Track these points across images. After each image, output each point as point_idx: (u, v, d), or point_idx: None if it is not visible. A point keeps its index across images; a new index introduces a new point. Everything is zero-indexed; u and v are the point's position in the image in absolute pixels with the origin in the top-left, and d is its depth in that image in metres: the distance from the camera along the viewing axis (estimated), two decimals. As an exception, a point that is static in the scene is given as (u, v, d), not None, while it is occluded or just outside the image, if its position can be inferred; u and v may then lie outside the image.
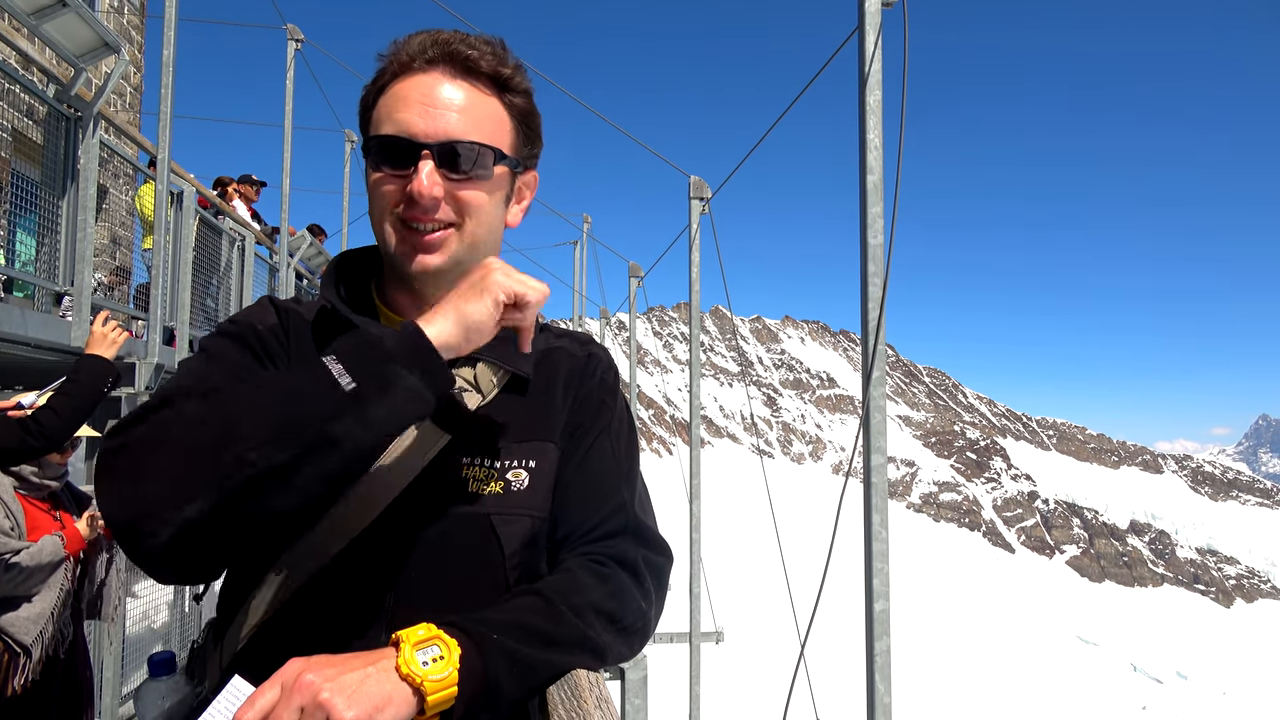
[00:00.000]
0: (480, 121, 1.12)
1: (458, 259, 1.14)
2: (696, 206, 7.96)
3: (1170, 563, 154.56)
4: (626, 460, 1.29)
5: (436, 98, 1.10)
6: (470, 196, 1.12)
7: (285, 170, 10.37)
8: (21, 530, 3.27)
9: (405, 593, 1.09)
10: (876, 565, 3.33)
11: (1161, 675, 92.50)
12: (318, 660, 0.87)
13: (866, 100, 3.46)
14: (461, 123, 1.10)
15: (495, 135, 1.14)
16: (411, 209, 1.11)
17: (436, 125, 1.09)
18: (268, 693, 0.84)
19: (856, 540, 3.44)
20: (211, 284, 8.47)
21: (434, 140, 1.09)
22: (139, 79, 10.73)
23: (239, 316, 1.21)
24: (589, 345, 1.35)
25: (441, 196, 1.10)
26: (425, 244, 1.12)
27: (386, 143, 1.11)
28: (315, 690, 0.83)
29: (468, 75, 1.13)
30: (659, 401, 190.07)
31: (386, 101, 1.13)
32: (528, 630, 1.01)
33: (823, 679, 7.72)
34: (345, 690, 0.84)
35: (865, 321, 3.44)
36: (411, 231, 1.12)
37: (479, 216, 1.14)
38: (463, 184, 1.11)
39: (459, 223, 1.13)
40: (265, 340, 1.17)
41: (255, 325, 1.18)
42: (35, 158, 5.62)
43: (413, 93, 1.11)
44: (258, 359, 1.15)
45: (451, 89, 1.11)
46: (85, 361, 3.47)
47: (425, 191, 1.08)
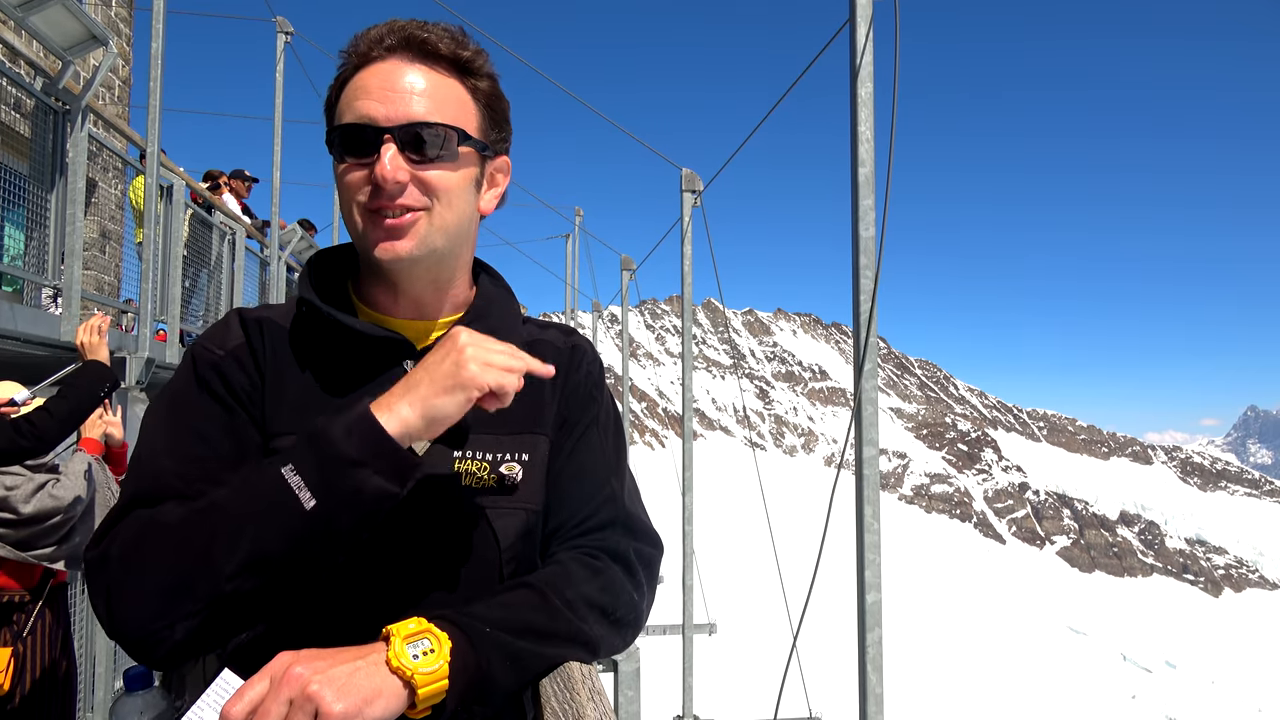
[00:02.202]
0: (443, 104, 1.10)
1: (430, 245, 1.12)
2: (689, 199, 7.95)
3: (1159, 553, 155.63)
4: (615, 453, 1.29)
5: (396, 83, 1.09)
6: (436, 179, 1.10)
7: (276, 164, 10.30)
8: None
9: (398, 588, 1.09)
10: (868, 557, 3.34)
11: (1151, 664, 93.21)
12: (307, 654, 0.87)
13: (858, 93, 3.47)
14: (423, 105, 1.09)
15: (459, 118, 1.12)
16: (377, 196, 1.08)
17: (397, 109, 1.07)
18: (256, 685, 0.84)
19: (848, 532, 3.45)
20: (201, 278, 8.43)
21: (395, 124, 1.07)
22: (127, 72, 10.65)
23: (202, 345, 1.17)
24: (573, 336, 1.34)
25: (406, 180, 1.08)
26: (393, 228, 1.09)
27: (349, 131, 1.09)
28: (304, 682, 0.83)
29: (427, 60, 1.11)
30: (651, 394, 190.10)
31: (347, 93, 1.11)
32: (520, 623, 1.01)
33: (815, 670, 7.76)
34: (335, 683, 0.84)
35: (857, 314, 3.45)
36: (380, 218, 1.10)
37: (447, 199, 1.12)
38: (428, 166, 1.09)
39: (428, 206, 1.11)
40: (228, 373, 1.12)
41: (216, 355, 1.13)
42: (22, 151, 5.57)
43: (372, 80, 1.09)
44: (222, 403, 1.11)
45: (412, 74, 1.10)
46: (87, 366, 3.43)
47: (389, 176, 1.06)
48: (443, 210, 1.12)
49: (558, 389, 1.26)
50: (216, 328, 1.19)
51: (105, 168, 8.94)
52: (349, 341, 1.14)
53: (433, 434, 0.99)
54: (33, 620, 3.41)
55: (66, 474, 3.48)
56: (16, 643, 3.33)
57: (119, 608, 0.95)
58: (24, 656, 3.35)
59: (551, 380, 1.25)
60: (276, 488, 0.94)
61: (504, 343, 1.04)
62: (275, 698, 0.82)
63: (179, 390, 1.13)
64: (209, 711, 0.86)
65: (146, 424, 1.14)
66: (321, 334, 1.15)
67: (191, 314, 8.07)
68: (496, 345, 1.02)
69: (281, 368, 1.14)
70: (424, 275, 1.16)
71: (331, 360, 1.15)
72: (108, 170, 9.07)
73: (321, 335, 1.15)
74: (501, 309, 1.26)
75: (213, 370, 1.12)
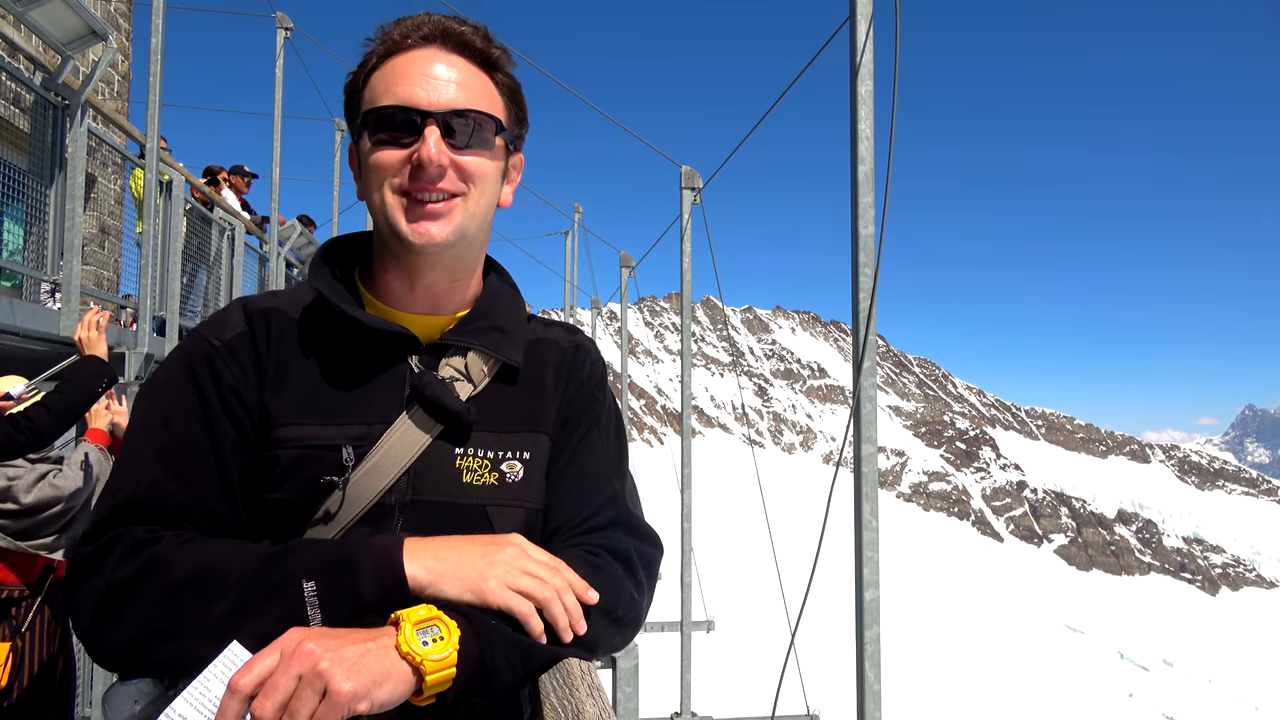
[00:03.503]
0: (478, 94, 1.14)
1: (462, 230, 1.14)
2: (688, 196, 7.95)
3: (1157, 551, 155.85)
4: (616, 453, 1.30)
5: (436, 70, 1.11)
6: (474, 165, 1.13)
7: (275, 160, 10.30)
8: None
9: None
10: (866, 554, 3.35)
11: (1148, 663, 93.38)
12: (319, 631, 0.88)
13: (858, 91, 3.47)
14: (463, 94, 1.12)
15: (492, 109, 1.15)
16: (417, 179, 1.10)
17: (440, 95, 1.10)
18: (266, 658, 0.84)
19: (847, 529, 3.46)
20: (200, 274, 8.42)
21: (438, 109, 1.10)
22: (127, 67, 10.63)
23: (199, 333, 1.16)
24: (576, 335, 1.35)
25: (448, 164, 1.10)
26: (430, 213, 1.11)
27: (388, 113, 1.10)
28: (315, 659, 0.83)
29: (461, 52, 1.14)
30: (650, 391, 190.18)
31: (382, 77, 1.12)
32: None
33: (813, 667, 7.78)
34: (345, 662, 0.84)
35: (856, 312, 3.45)
36: (415, 203, 1.11)
37: (481, 186, 1.14)
38: (466, 153, 1.12)
39: (464, 192, 1.13)
40: (219, 368, 1.11)
41: (211, 346, 1.13)
42: (22, 146, 5.57)
43: (411, 67, 1.11)
44: (205, 402, 1.09)
45: (449, 63, 1.13)
46: (85, 362, 3.42)
47: (434, 158, 1.08)
48: (477, 197, 1.15)
49: (560, 388, 1.26)
50: (218, 316, 1.19)
51: (105, 163, 8.93)
52: (355, 333, 1.15)
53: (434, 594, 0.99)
54: (31, 615, 3.41)
55: (69, 464, 3.49)
56: (15, 638, 3.33)
57: (100, 635, 0.97)
58: (22, 652, 3.35)
59: (554, 379, 1.26)
60: (291, 599, 0.94)
61: (546, 560, 1.04)
62: (285, 672, 0.82)
63: (168, 381, 1.13)
64: (215, 682, 0.85)
65: (137, 409, 1.15)
66: (329, 324, 1.16)
67: (190, 310, 8.07)
68: (533, 566, 1.02)
69: (285, 359, 1.14)
70: (445, 264, 1.18)
71: (337, 352, 1.15)
72: (107, 165, 9.07)
73: (329, 325, 1.16)
74: (508, 306, 1.27)
75: (205, 363, 1.12)
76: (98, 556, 1.00)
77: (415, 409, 1.13)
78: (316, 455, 1.09)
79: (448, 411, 1.13)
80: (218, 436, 1.09)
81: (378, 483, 1.09)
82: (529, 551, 1.03)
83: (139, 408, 1.14)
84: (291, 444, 1.10)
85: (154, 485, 1.06)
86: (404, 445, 1.11)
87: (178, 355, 1.15)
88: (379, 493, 1.10)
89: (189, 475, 1.07)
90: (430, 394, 1.12)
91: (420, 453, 1.12)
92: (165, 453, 1.08)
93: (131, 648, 0.96)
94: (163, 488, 1.06)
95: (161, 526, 1.04)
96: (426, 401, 1.12)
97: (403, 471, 1.11)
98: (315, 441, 1.10)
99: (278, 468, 1.09)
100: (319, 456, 1.09)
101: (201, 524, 1.07)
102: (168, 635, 0.95)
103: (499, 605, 0.97)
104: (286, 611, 0.93)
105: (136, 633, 0.96)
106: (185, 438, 1.09)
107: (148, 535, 1.01)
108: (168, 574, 0.97)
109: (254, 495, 1.10)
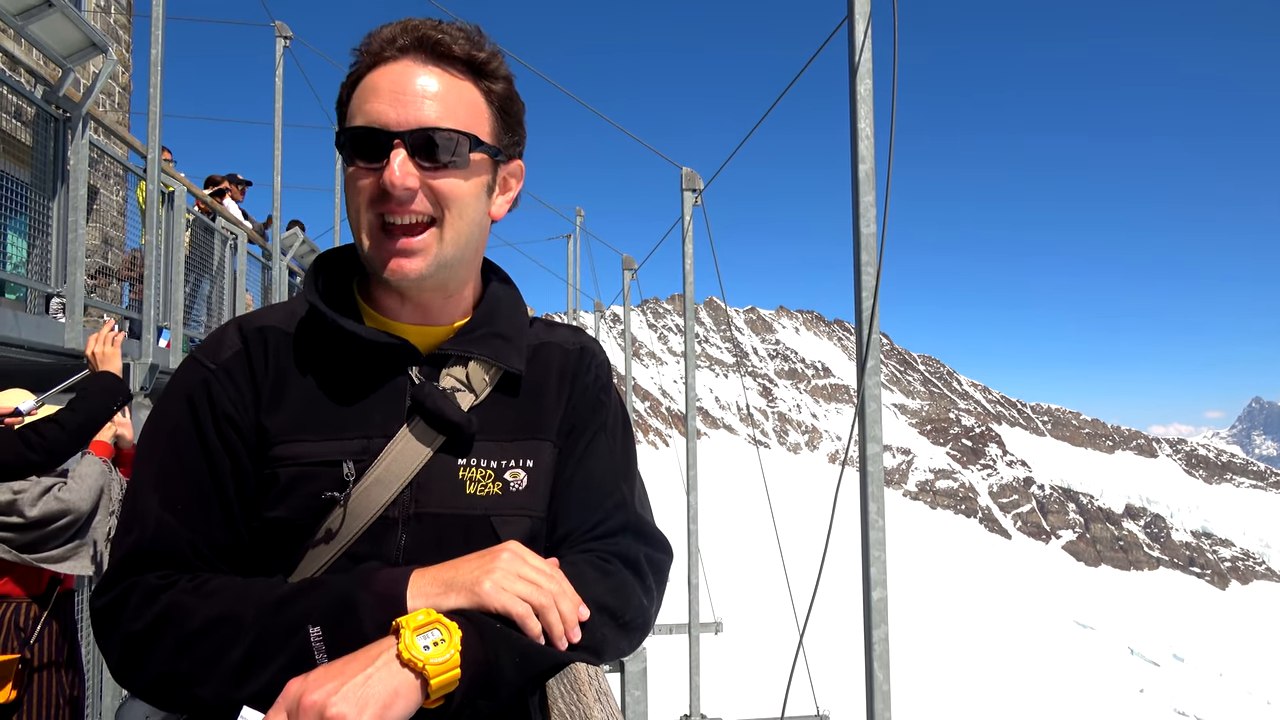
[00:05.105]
0: (454, 108, 1.08)
1: (441, 261, 1.10)
2: (689, 198, 7.95)
3: (1166, 546, 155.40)
4: (624, 457, 1.28)
5: (408, 86, 1.06)
6: (447, 187, 1.07)
7: (276, 168, 10.33)
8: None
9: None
10: (873, 553, 3.35)
11: (1158, 658, 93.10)
12: (316, 676, 0.88)
13: (857, 89, 3.47)
14: (435, 110, 1.06)
15: (471, 122, 1.09)
16: (385, 202, 1.06)
17: (408, 113, 1.05)
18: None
19: (854, 529, 3.45)
20: (203, 283, 8.44)
21: (405, 129, 1.05)
22: (127, 78, 10.67)
23: (194, 358, 1.15)
24: (581, 338, 1.32)
25: (416, 187, 1.05)
26: (404, 248, 1.07)
27: (358, 135, 1.07)
28: (321, 708, 0.84)
29: (440, 61, 1.08)
30: (654, 393, 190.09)
31: (359, 94, 1.09)
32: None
33: (822, 667, 7.76)
34: (351, 697, 0.85)
35: (859, 310, 3.45)
36: (388, 234, 1.07)
37: (458, 209, 1.09)
38: (438, 174, 1.07)
39: (439, 217, 1.08)
40: (215, 391, 1.10)
41: (207, 370, 1.12)
42: (24, 159, 5.58)
43: (383, 82, 1.07)
44: (201, 431, 1.09)
45: (424, 76, 1.07)
46: (98, 378, 3.32)
47: (398, 182, 1.03)
48: (454, 220, 1.10)
49: (564, 393, 1.24)
50: (212, 338, 1.17)
51: (106, 174, 8.96)
52: (353, 347, 1.13)
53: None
54: (40, 628, 3.41)
55: (74, 477, 3.47)
56: (24, 650, 3.33)
57: (126, 681, 1.02)
58: (30, 664, 3.35)
59: (558, 384, 1.24)
60: (300, 642, 0.96)
61: (541, 566, 1.04)
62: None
63: (166, 413, 1.13)
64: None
65: (140, 444, 1.15)
66: (326, 338, 1.14)
67: (194, 319, 8.08)
68: (528, 571, 1.02)
69: (282, 376, 1.13)
70: (433, 286, 1.15)
71: (335, 366, 1.14)
72: (109, 177, 9.09)
73: (326, 339, 1.14)
74: (509, 312, 1.24)
75: (202, 389, 1.11)
76: (115, 609, 1.02)
77: (416, 421, 1.11)
78: (316, 471, 1.08)
79: (449, 423, 1.11)
80: (217, 468, 1.09)
81: (380, 497, 1.08)
82: (525, 557, 1.03)
83: (142, 444, 1.14)
84: (290, 461, 1.09)
85: (160, 528, 1.06)
86: (405, 458, 1.10)
87: (175, 384, 1.15)
88: (381, 507, 1.08)
89: (193, 513, 1.07)
90: (431, 406, 1.10)
91: (422, 465, 1.10)
92: (167, 492, 1.08)
93: (156, 693, 1.00)
94: (169, 529, 1.06)
95: (173, 569, 1.04)
96: (427, 413, 1.11)
97: (405, 485, 1.09)
98: (314, 458, 1.09)
99: (278, 486, 1.09)
100: (319, 473, 1.08)
101: (208, 557, 1.07)
102: (189, 681, 0.97)
103: (497, 607, 0.97)
104: (296, 654, 0.95)
105: (158, 680, 0.99)
106: (185, 474, 1.09)
107: (161, 582, 1.02)
108: (183, 624, 0.99)
109: (255, 514, 1.10)
